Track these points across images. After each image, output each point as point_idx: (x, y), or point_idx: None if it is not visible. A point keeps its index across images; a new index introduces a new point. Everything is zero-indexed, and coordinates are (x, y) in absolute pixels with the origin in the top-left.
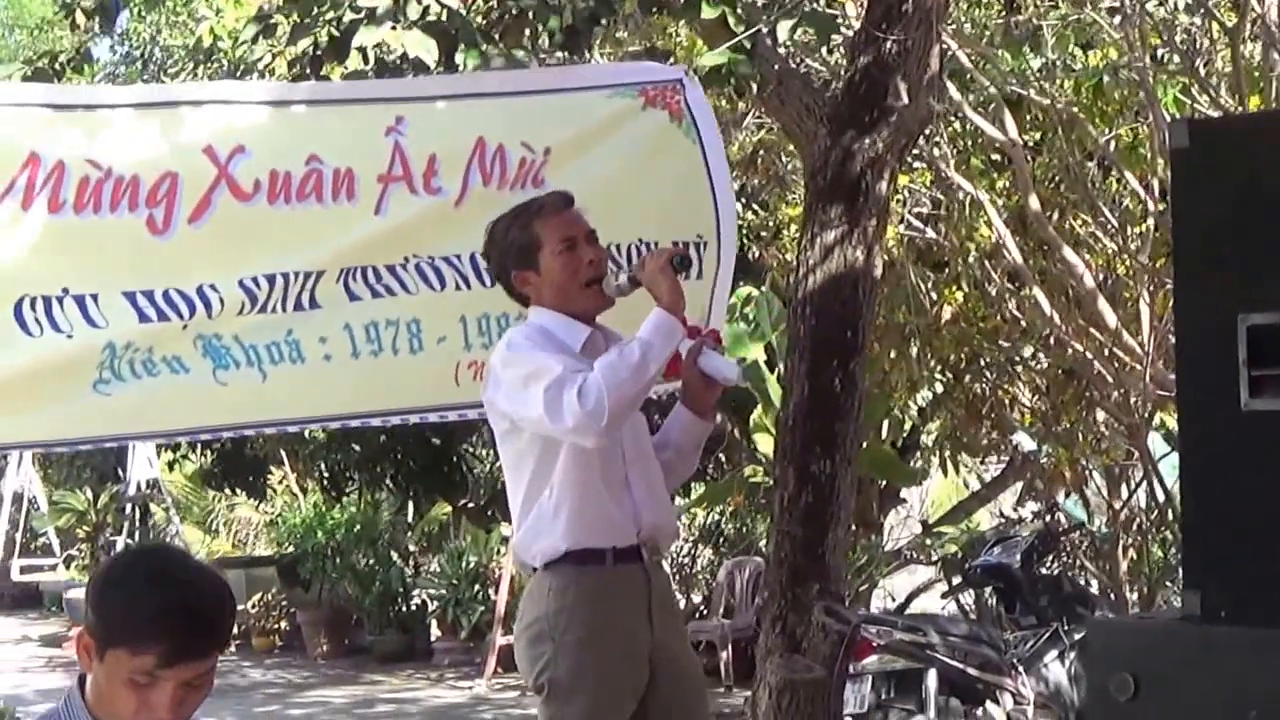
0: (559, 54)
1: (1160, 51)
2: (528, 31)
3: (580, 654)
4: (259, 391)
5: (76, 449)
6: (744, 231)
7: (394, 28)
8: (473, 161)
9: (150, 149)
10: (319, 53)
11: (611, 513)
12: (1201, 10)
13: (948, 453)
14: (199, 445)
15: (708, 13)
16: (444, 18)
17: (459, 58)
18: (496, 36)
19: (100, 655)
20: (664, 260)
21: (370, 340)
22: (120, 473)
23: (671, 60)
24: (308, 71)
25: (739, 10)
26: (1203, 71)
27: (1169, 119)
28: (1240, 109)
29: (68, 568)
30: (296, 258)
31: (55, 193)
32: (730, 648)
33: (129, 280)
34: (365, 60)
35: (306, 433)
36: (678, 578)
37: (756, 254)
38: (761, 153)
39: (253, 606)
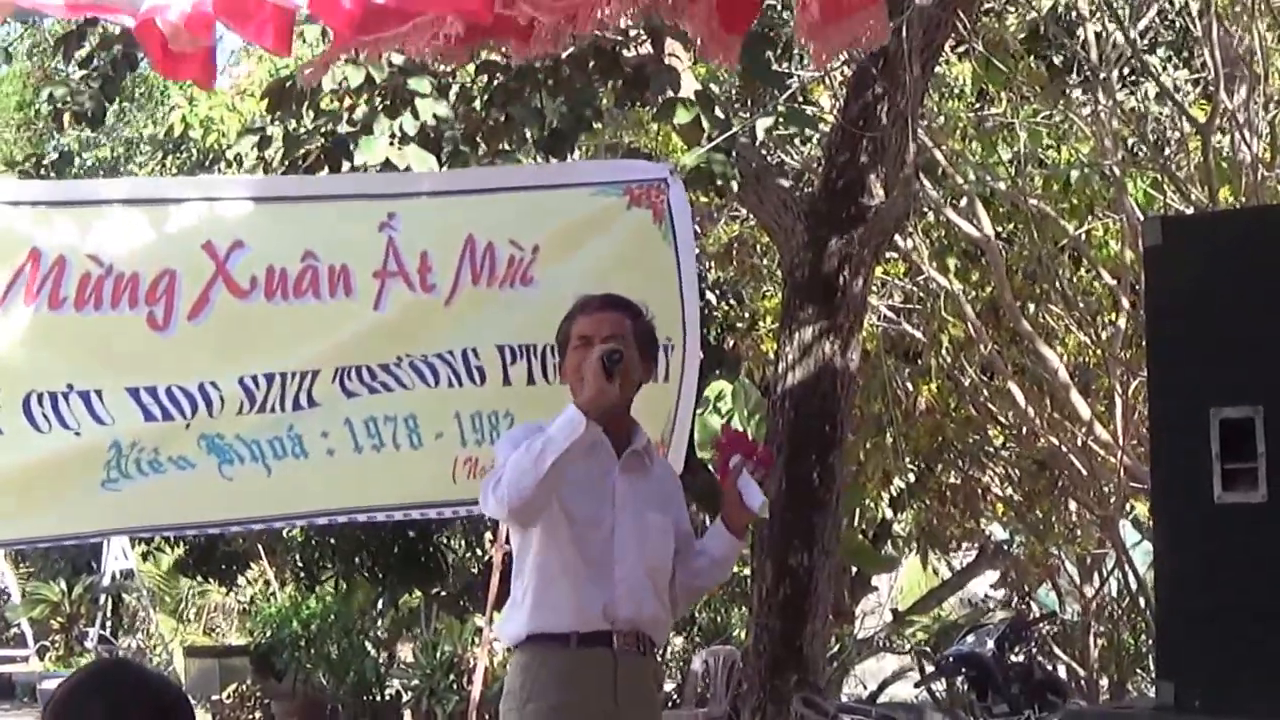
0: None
1: (1131, 142)
2: (514, 135)
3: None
4: (264, 486)
5: (84, 543)
6: (719, 323)
7: (391, 142)
8: (464, 259)
9: (149, 245)
10: (308, 164)
11: (580, 599)
12: (1171, 103)
13: (918, 542)
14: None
15: (682, 116)
16: (435, 131)
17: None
18: (481, 141)
19: None
20: (595, 358)
21: (371, 435)
22: (94, 564)
23: (655, 156)
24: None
25: (716, 110)
26: (1173, 165)
27: (1140, 213)
28: (1210, 202)
29: (41, 659)
30: (294, 356)
31: (56, 289)
32: None
33: (132, 377)
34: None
35: (284, 531)
36: None
37: (731, 344)
38: (736, 246)
39: (227, 697)
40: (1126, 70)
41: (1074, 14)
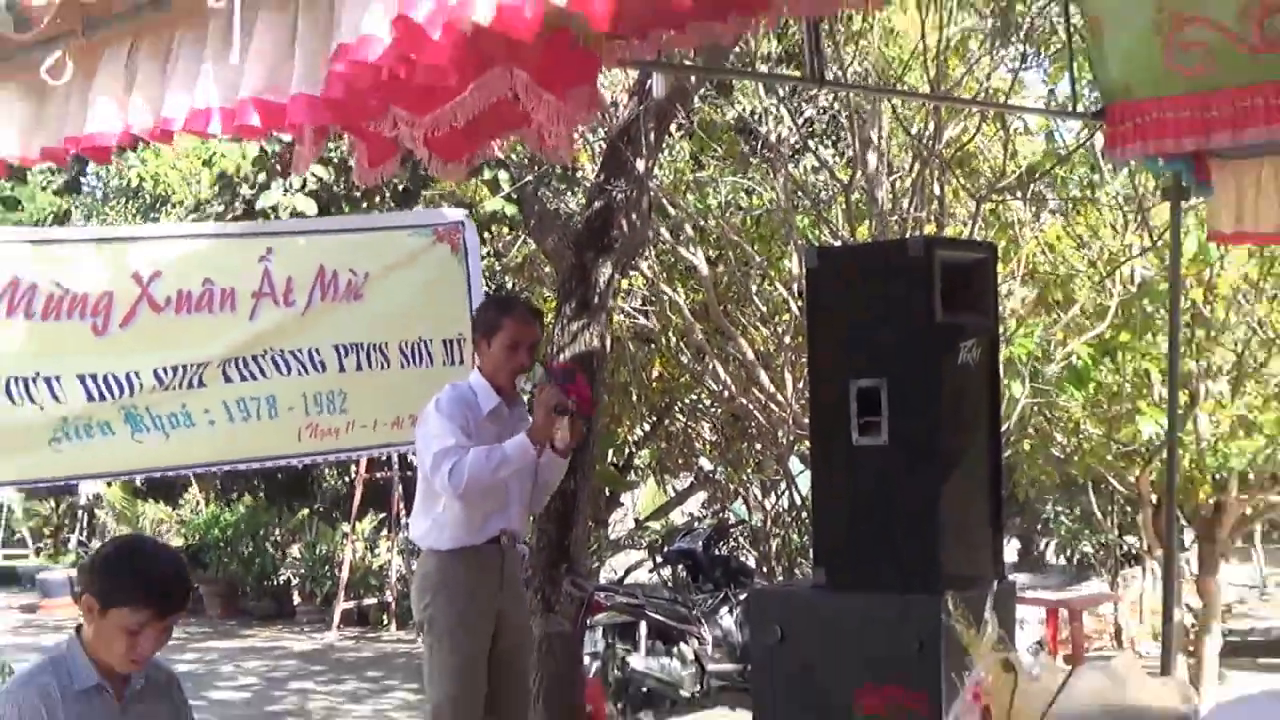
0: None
1: (798, 196)
2: (377, 193)
3: (450, 602)
4: (163, 446)
5: (36, 486)
6: None
7: (285, 193)
8: (317, 283)
9: (95, 274)
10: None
11: (487, 521)
12: (825, 171)
13: (654, 470)
14: None
15: (487, 174)
16: (318, 187)
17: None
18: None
19: (103, 613)
20: (551, 402)
21: (242, 410)
22: (74, 488)
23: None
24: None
25: (510, 171)
26: (826, 213)
27: (804, 244)
28: (852, 237)
29: (37, 555)
30: (193, 352)
31: (29, 305)
32: None
33: (80, 366)
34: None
35: None
36: None
37: None
38: (528, 264)
39: None
40: (798, 148)
41: (757, 115)
